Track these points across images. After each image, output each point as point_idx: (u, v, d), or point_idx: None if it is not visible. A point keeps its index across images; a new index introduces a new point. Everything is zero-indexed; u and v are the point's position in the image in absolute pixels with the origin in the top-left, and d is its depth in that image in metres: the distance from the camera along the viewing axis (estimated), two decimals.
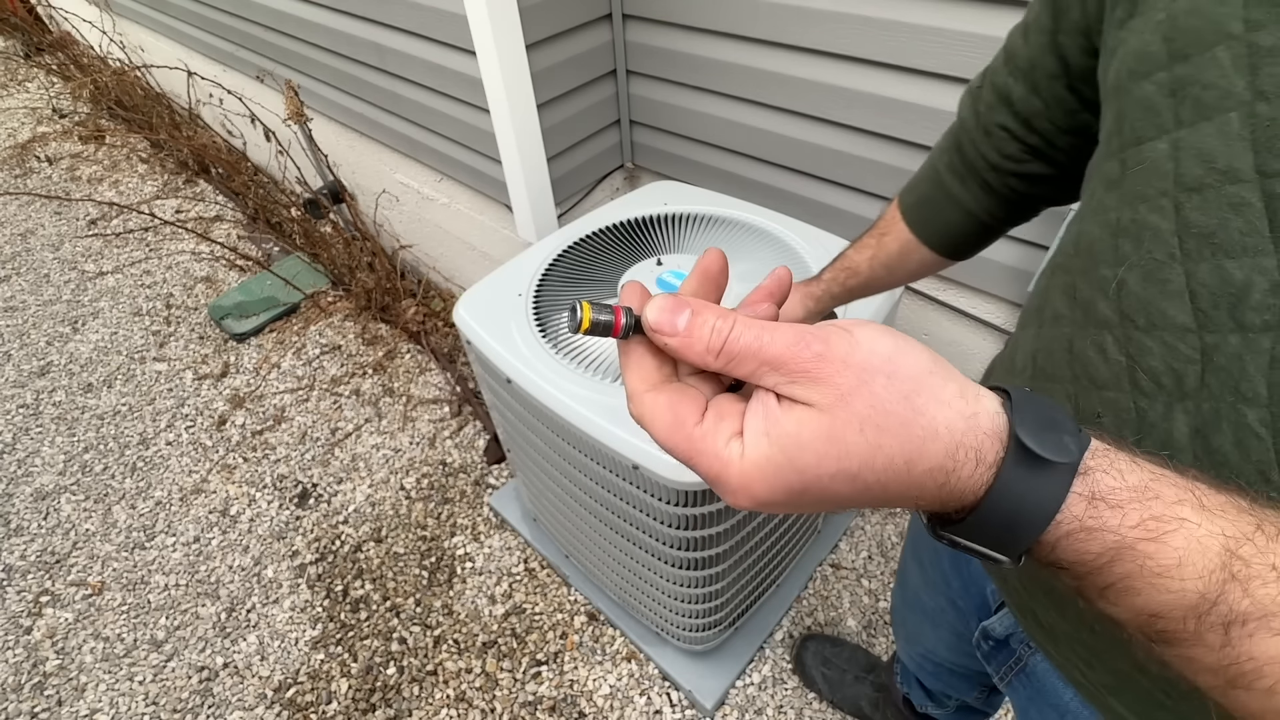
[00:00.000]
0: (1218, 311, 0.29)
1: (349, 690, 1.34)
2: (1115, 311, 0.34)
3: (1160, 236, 0.31)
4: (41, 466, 1.84)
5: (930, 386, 0.24)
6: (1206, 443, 0.30)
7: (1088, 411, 0.36)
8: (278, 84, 2.12)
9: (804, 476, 0.24)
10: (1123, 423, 0.34)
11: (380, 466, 1.77)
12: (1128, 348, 0.33)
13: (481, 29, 1.21)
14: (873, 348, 0.24)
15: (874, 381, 0.24)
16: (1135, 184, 0.33)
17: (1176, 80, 0.30)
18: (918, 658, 0.87)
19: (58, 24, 3.91)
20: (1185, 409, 0.31)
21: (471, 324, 1.00)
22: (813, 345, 0.24)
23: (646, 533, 0.94)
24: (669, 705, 1.28)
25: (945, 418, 0.23)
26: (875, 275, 0.67)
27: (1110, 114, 0.35)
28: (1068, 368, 0.38)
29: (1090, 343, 0.36)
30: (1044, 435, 0.23)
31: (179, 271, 2.50)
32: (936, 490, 0.24)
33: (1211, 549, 0.22)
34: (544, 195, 1.48)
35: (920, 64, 1.04)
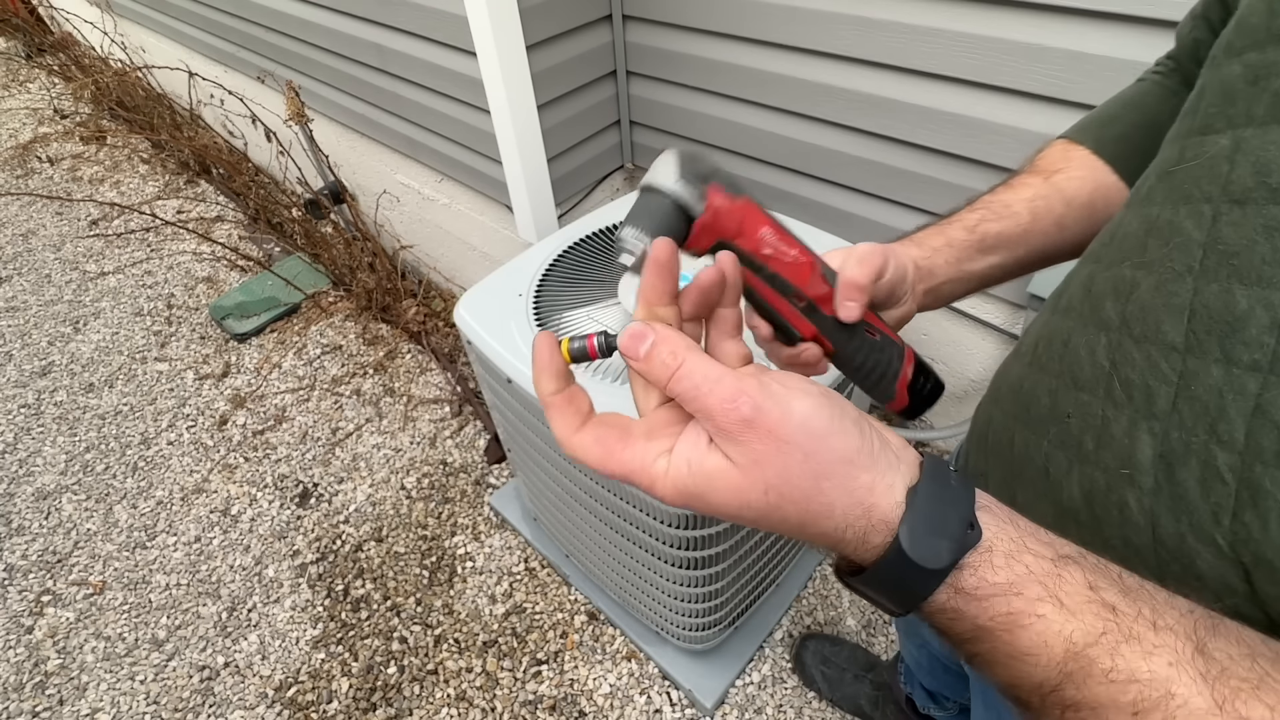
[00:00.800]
0: (1209, 338, 0.28)
1: (350, 689, 1.35)
2: (1119, 315, 0.33)
3: (1187, 246, 0.29)
4: (43, 466, 1.84)
5: (842, 474, 0.26)
6: (1170, 472, 0.29)
7: (1060, 409, 0.36)
8: (279, 85, 2.12)
9: (712, 507, 0.27)
10: (1086, 426, 0.34)
11: (381, 466, 1.77)
12: (1114, 354, 0.33)
13: (482, 30, 1.21)
14: (803, 424, 0.26)
15: (791, 456, 0.25)
16: (1185, 180, 0.30)
17: (1264, 65, 0.27)
18: (916, 651, 0.87)
19: (59, 25, 3.92)
20: (1151, 430, 0.30)
21: (472, 324, 1.00)
22: (743, 409, 0.25)
23: (646, 532, 0.94)
24: (669, 704, 1.28)
25: (844, 504, 0.26)
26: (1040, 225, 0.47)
27: (1196, 88, 0.32)
28: (1058, 361, 0.37)
29: (1084, 341, 0.35)
30: (923, 540, 0.25)
31: (180, 272, 2.50)
32: (828, 548, 0.28)
33: (1056, 646, 0.24)
34: (544, 196, 1.48)
35: (920, 65, 1.04)
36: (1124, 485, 0.31)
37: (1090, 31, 0.88)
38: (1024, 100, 0.98)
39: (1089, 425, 0.33)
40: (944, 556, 0.25)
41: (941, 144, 1.09)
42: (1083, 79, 0.91)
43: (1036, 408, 0.38)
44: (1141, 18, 0.84)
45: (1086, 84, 0.91)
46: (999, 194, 0.49)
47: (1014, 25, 0.93)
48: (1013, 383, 0.43)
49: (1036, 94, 0.96)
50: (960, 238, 0.47)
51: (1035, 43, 0.92)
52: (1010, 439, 0.38)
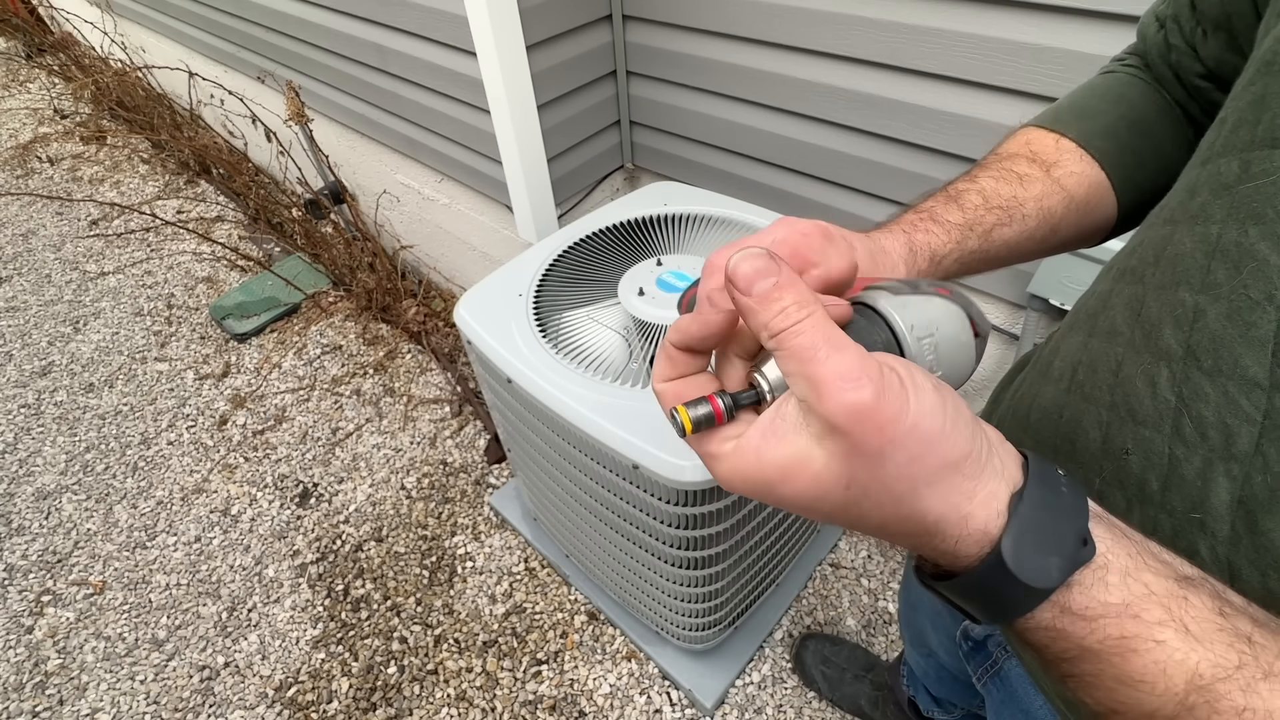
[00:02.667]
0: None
1: (350, 689, 1.35)
2: (1182, 344, 0.30)
3: (1265, 272, 0.26)
4: (43, 466, 1.84)
5: (945, 482, 0.24)
6: (1252, 521, 0.26)
7: (1115, 445, 0.33)
8: (279, 85, 2.12)
9: (777, 497, 0.25)
10: (1150, 465, 0.31)
11: (381, 466, 1.77)
12: (1182, 387, 0.29)
13: (482, 30, 1.21)
14: (916, 424, 0.23)
15: (893, 458, 0.23)
16: (1254, 198, 0.27)
17: None
18: (922, 661, 0.86)
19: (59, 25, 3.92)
20: (1229, 473, 0.27)
21: (472, 324, 1.00)
22: (863, 392, 0.22)
23: (646, 532, 0.94)
24: (669, 704, 1.28)
25: (939, 511, 0.24)
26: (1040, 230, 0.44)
27: (1249, 95, 0.29)
28: (1108, 392, 0.34)
29: (1141, 371, 0.32)
30: (1030, 556, 0.23)
31: (180, 272, 2.50)
32: (911, 546, 0.26)
33: (1177, 676, 0.22)
34: (544, 196, 1.48)
35: (920, 65, 1.04)
36: (1194, 531, 0.28)
37: (1090, 31, 0.88)
38: (1024, 100, 0.98)
39: (1153, 464, 0.30)
40: (1054, 575, 0.23)
41: (941, 144, 1.09)
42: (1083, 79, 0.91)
43: (1084, 441, 0.35)
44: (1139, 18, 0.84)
45: None
46: (1010, 188, 0.44)
47: (1014, 25, 0.93)
48: (1047, 409, 0.39)
49: (1036, 94, 0.96)
50: (972, 248, 0.43)
51: (1035, 43, 0.92)
52: None
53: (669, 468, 0.78)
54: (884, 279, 0.31)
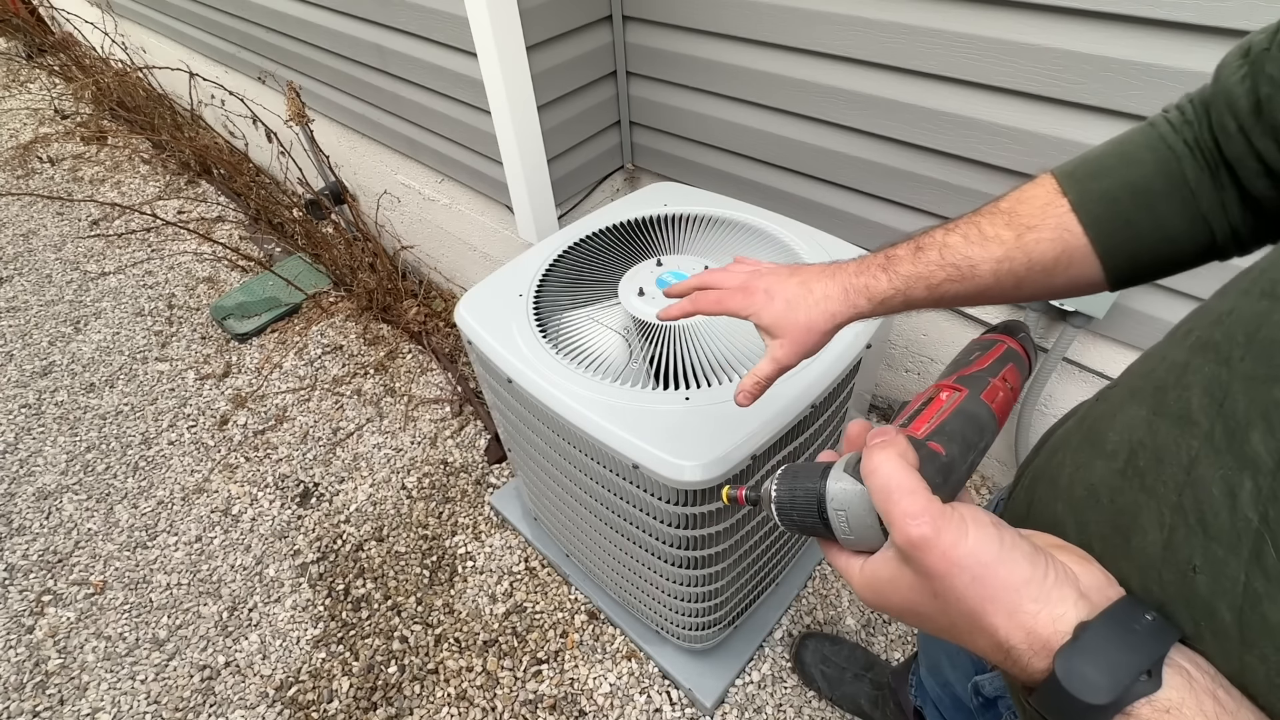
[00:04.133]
0: None
1: (350, 689, 1.35)
2: (1273, 454, 0.25)
3: None
4: (44, 466, 1.84)
5: (1007, 600, 0.28)
6: None
7: (1181, 556, 0.29)
8: (279, 85, 2.12)
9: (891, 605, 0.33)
10: (1221, 591, 0.27)
11: (382, 466, 1.77)
12: (1269, 507, 0.25)
13: (482, 31, 1.22)
14: (973, 551, 0.28)
15: (959, 577, 0.28)
16: None
17: None
18: (938, 689, 0.84)
19: (60, 25, 3.92)
20: None
21: (473, 324, 1.00)
22: (924, 526, 0.29)
23: (647, 531, 0.94)
24: (669, 704, 1.28)
25: (1006, 627, 0.28)
26: (998, 286, 0.46)
27: None
28: (1175, 491, 0.30)
29: (1220, 477, 0.27)
30: (1079, 672, 0.25)
31: (181, 272, 2.50)
32: (1001, 660, 0.29)
33: None
34: (545, 196, 1.48)
35: (919, 66, 1.04)
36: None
37: (1090, 32, 0.89)
38: (1024, 100, 0.99)
39: (1224, 590, 0.27)
40: (1101, 694, 0.25)
41: (941, 144, 1.10)
42: (1082, 79, 0.92)
43: (1141, 540, 0.31)
44: (1141, 18, 0.84)
45: (1086, 84, 0.92)
46: (969, 248, 0.46)
47: (1014, 25, 0.93)
48: (1094, 488, 0.36)
49: (1036, 94, 0.97)
50: (919, 296, 0.48)
51: (1035, 43, 0.92)
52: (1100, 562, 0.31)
53: (669, 467, 0.78)
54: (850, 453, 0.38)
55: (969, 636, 0.30)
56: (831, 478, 0.36)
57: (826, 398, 0.91)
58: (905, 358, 1.47)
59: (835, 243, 1.08)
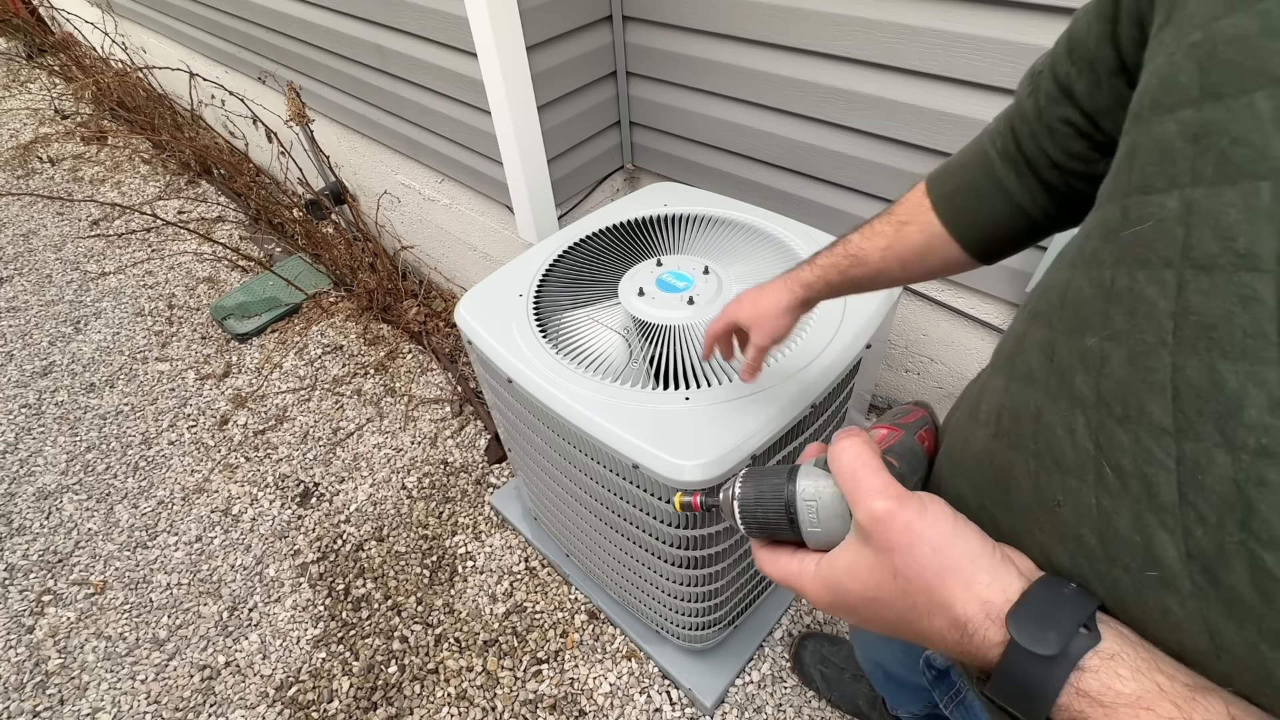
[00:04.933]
0: (1202, 419, 0.26)
1: (350, 689, 1.35)
2: (1093, 390, 0.30)
3: (1154, 316, 0.27)
4: (44, 466, 1.84)
5: (965, 570, 0.30)
6: (1211, 577, 0.26)
7: (1047, 494, 0.33)
8: (279, 85, 2.13)
9: (850, 594, 0.34)
10: (1082, 517, 0.31)
11: (382, 466, 1.78)
12: (1098, 435, 0.30)
13: (482, 31, 1.22)
14: (934, 521, 0.31)
15: (920, 547, 0.31)
16: (1137, 244, 0.28)
17: (1204, 124, 0.25)
18: (869, 664, 0.89)
19: (60, 25, 3.92)
20: (1164, 525, 0.27)
21: (473, 324, 1.00)
22: (889, 498, 0.32)
23: (646, 531, 0.94)
24: (669, 703, 1.28)
25: (964, 598, 0.30)
26: (887, 269, 0.59)
27: (1125, 145, 0.30)
28: (1031, 438, 0.34)
29: (1060, 418, 0.32)
30: (1029, 627, 0.28)
31: (181, 272, 2.51)
32: (956, 644, 0.30)
33: None
34: (545, 196, 1.49)
35: (919, 66, 1.04)
36: (1158, 589, 0.28)
37: None
38: None
39: (1085, 516, 0.31)
40: (1051, 643, 0.27)
41: (940, 144, 1.10)
42: None
43: (1017, 491, 0.36)
44: None
45: None
46: (864, 240, 0.60)
47: (1014, 26, 0.94)
48: (978, 455, 0.40)
49: None
50: (835, 280, 0.64)
51: (1035, 43, 0.93)
52: (993, 521, 0.35)
53: (669, 467, 0.78)
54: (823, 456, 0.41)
55: (926, 618, 0.31)
56: (801, 474, 0.39)
57: (826, 397, 0.91)
58: (905, 358, 1.47)
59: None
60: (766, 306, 0.67)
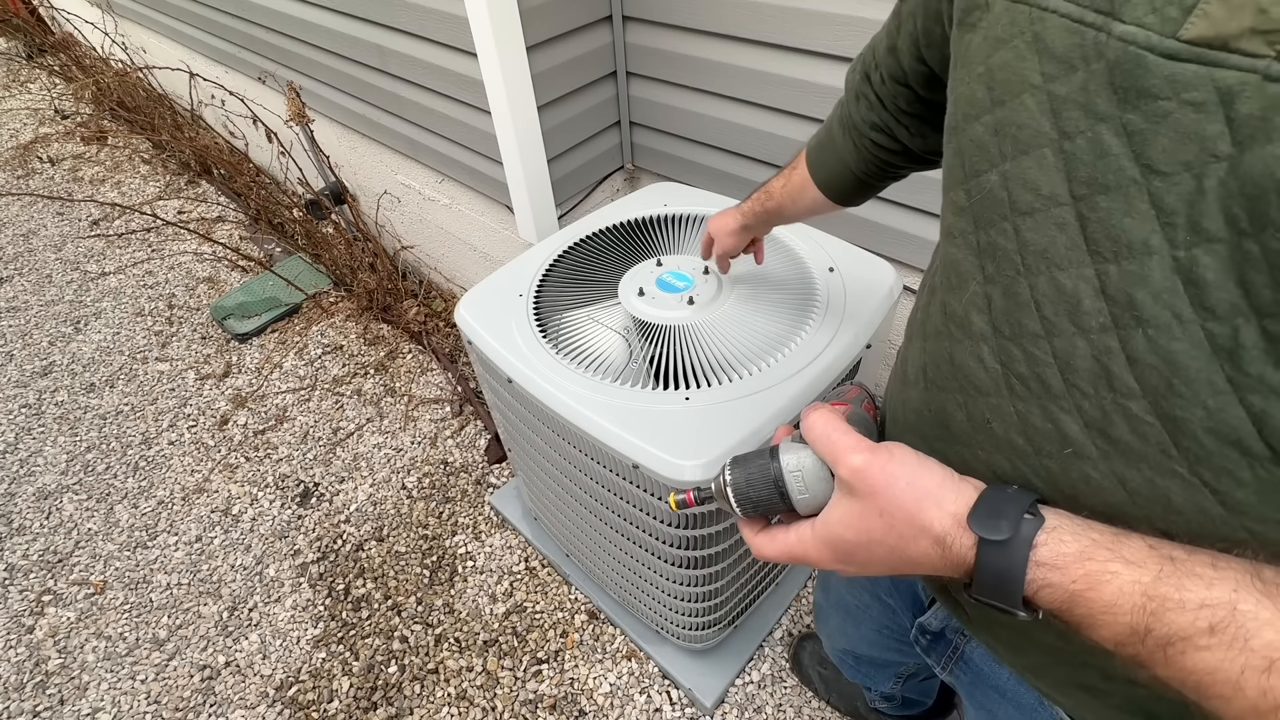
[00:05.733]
0: (1059, 318, 0.34)
1: (350, 689, 1.35)
2: (988, 324, 0.38)
3: (1008, 255, 0.36)
4: (44, 466, 1.84)
5: (935, 495, 0.36)
6: (1106, 435, 0.33)
7: (978, 418, 0.40)
8: (279, 85, 2.13)
9: (848, 545, 0.39)
10: (1009, 425, 0.38)
11: (382, 466, 1.78)
12: (1001, 356, 0.38)
13: (482, 31, 1.22)
14: (903, 460, 0.37)
15: (896, 483, 0.36)
16: (982, 210, 0.37)
17: (999, 122, 0.35)
18: (838, 654, 0.95)
19: (60, 25, 3.92)
20: (1063, 408, 0.35)
21: (473, 324, 1.00)
22: (863, 451, 0.38)
23: (647, 531, 0.94)
24: (669, 703, 1.28)
25: (939, 518, 0.35)
26: (783, 204, 0.77)
27: (951, 150, 0.40)
28: (953, 378, 0.42)
29: (970, 354, 0.40)
30: (985, 521, 0.34)
31: (181, 272, 2.51)
32: (940, 559, 0.35)
33: (1132, 592, 0.29)
34: (545, 196, 1.49)
35: None
36: (1076, 462, 0.35)
37: None
38: None
39: (1010, 424, 0.38)
40: (1004, 529, 0.33)
41: None
42: None
43: (955, 424, 0.43)
44: None
45: None
46: (774, 182, 0.78)
47: None
48: (916, 408, 0.48)
49: None
50: (759, 211, 0.81)
51: None
52: (943, 457, 0.41)
53: (669, 467, 0.78)
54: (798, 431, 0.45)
55: (913, 543, 0.36)
56: (782, 450, 0.43)
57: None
58: None
59: (835, 242, 1.09)
60: (722, 224, 0.87)
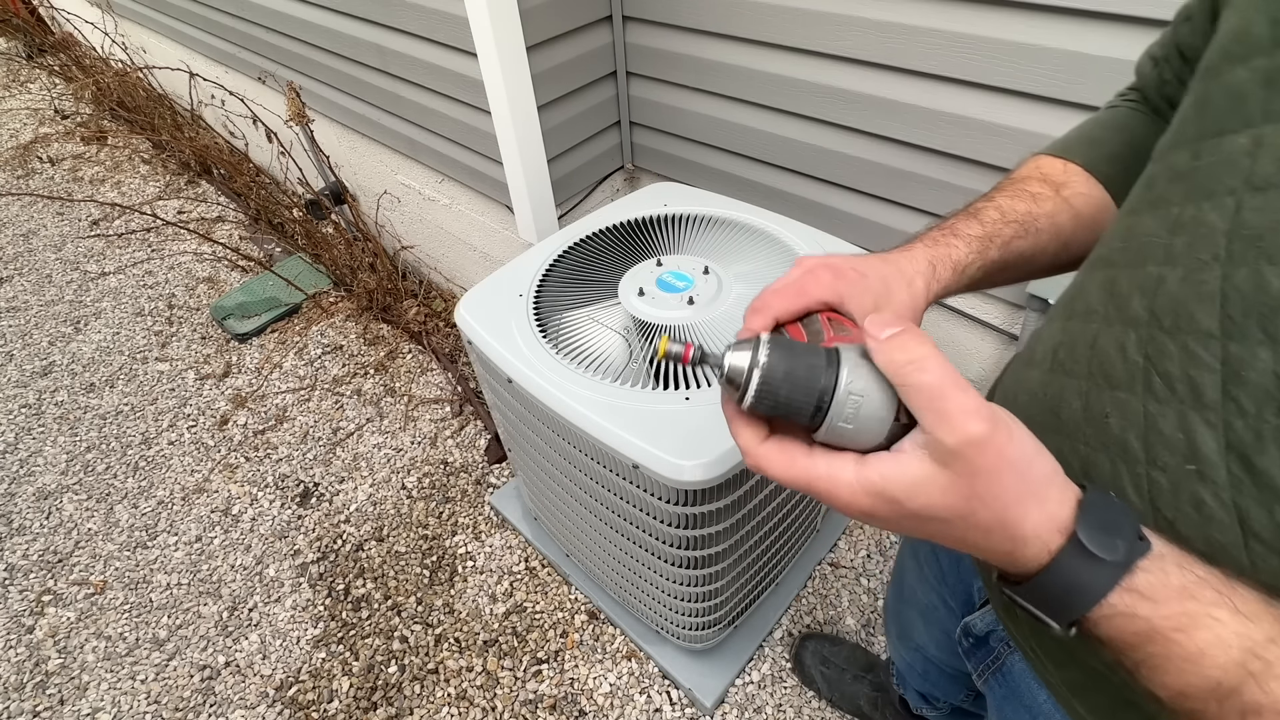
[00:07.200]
0: (1247, 320, 0.28)
1: (350, 689, 1.35)
2: (1147, 310, 0.33)
3: (1211, 235, 0.30)
4: (44, 466, 1.84)
5: (1042, 492, 0.29)
6: (1247, 463, 0.28)
7: (1096, 410, 0.36)
8: (279, 85, 2.12)
9: (904, 510, 0.30)
10: (1129, 425, 0.33)
11: (382, 466, 1.78)
12: (1148, 348, 0.33)
13: (482, 31, 1.22)
14: (1022, 445, 0.29)
15: (1008, 474, 0.28)
16: (1205, 178, 0.31)
17: (1275, 69, 0.28)
18: (908, 655, 0.87)
19: (60, 25, 3.92)
20: (1207, 421, 0.30)
21: (473, 324, 1.00)
22: (983, 424, 0.28)
23: (647, 531, 0.94)
24: (669, 703, 1.28)
25: (1036, 517, 0.29)
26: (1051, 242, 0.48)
27: (1191, 99, 0.34)
28: (1085, 364, 0.37)
29: (1113, 340, 0.35)
30: (1099, 535, 0.28)
31: (181, 272, 2.50)
32: (1006, 553, 0.30)
33: (1233, 645, 0.25)
34: (545, 196, 1.48)
35: (919, 66, 1.04)
36: (1194, 482, 0.30)
37: (1089, 32, 0.89)
38: (1022, 100, 0.99)
39: (1131, 423, 0.33)
40: (1120, 550, 0.28)
41: (940, 144, 1.10)
42: (1081, 79, 0.92)
43: (1068, 412, 0.38)
44: (1140, 18, 0.84)
45: (1085, 84, 0.92)
46: (1025, 205, 0.48)
47: (1013, 25, 0.93)
48: (1033, 391, 0.42)
49: (1035, 94, 0.97)
50: (994, 257, 0.47)
51: (1034, 43, 0.92)
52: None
53: (669, 467, 0.78)
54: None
55: (982, 534, 0.30)
56: (846, 362, 0.33)
57: None
58: None
59: (835, 243, 1.09)
60: (912, 299, 0.43)
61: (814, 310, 0.39)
